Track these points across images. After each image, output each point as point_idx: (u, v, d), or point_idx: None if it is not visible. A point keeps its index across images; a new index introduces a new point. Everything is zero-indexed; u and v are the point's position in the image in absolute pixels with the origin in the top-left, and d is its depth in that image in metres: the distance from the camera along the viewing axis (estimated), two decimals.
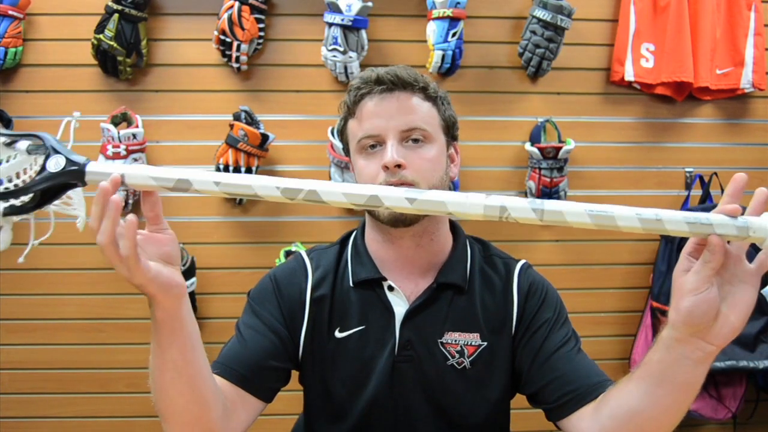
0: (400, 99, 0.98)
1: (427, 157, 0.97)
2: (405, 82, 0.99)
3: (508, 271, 1.07)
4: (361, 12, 1.79)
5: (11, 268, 1.90)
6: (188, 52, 1.91)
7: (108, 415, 1.93)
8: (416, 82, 0.99)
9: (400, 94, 0.99)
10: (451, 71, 1.88)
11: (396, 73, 0.98)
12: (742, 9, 1.96)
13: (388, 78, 0.98)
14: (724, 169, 1.99)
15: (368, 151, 0.99)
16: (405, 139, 0.97)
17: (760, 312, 1.84)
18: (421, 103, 1.00)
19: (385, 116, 0.97)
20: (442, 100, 1.04)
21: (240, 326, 1.03)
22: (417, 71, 1.02)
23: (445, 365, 0.99)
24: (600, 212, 0.72)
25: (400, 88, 0.99)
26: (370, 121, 0.98)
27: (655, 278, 1.92)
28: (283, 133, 1.86)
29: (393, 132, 0.97)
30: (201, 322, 1.92)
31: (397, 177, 0.95)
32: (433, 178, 0.97)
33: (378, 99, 0.98)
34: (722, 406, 1.89)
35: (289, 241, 1.91)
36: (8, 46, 1.80)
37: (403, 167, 0.95)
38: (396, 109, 0.98)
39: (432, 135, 0.99)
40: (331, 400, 1.02)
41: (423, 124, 0.98)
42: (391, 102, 0.98)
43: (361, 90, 1.00)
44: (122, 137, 1.76)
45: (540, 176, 1.90)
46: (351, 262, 1.05)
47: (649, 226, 0.75)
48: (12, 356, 1.92)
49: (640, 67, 1.95)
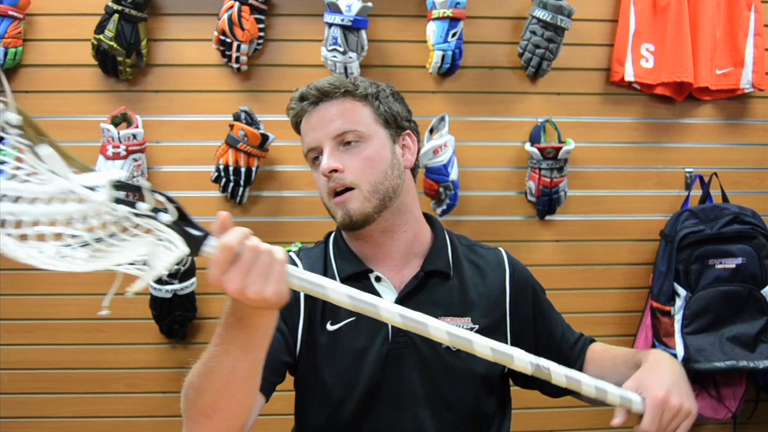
0: (327, 108, 1.05)
1: (362, 156, 1.03)
2: (327, 91, 1.05)
3: (498, 258, 1.14)
4: (361, 12, 1.79)
5: (11, 268, 1.90)
6: (188, 52, 1.91)
7: (108, 415, 1.93)
8: (338, 89, 1.05)
9: (326, 103, 1.05)
10: (451, 71, 1.88)
11: (316, 86, 1.05)
12: (742, 9, 1.96)
13: (312, 93, 1.05)
14: (724, 169, 1.99)
15: (314, 164, 1.07)
16: (340, 143, 1.03)
17: (760, 312, 1.84)
18: (350, 105, 1.05)
19: (317, 128, 1.04)
20: (375, 96, 1.08)
21: None
22: (343, 78, 1.09)
23: (440, 348, 1.03)
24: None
25: (325, 98, 1.05)
26: (308, 136, 1.06)
27: (655, 278, 1.92)
28: (283, 133, 1.85)
29: (326, 140, 1.03)
30: (201, 322, 1.92)
31: (335, 181, 1.02)
32: (372, 176, 1.02)
33: (309, 114, 1.06)
34: (722, 406, 1.89)
35: (289, 241, 1.91)
36: (8, 46, 1.80)
37: (340, 171, 1.01)
38: (324, 118, 1.04)
39: (366, 134, 1.04)
40: (327, 391, 1.04)
41: (352, 126, 1.04)
42: (318, 113, 1.05)
43: (294, 110, 1.08)
44: (122, 137, 1.76)
45: (540, 176, 1.90)
46: (335, 260, 1.09)
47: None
48: (12, 356, 1.92)
49: (640, 68, 1.95)
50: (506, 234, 1.97)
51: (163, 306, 1.80)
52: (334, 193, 1.03)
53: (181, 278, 1.78)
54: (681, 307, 1.85)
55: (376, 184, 1.02)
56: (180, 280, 1.78)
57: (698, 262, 1.84)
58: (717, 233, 1.84)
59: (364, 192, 1.02)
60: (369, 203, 1.02)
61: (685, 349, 1.82)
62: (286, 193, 1.94)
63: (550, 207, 1.94)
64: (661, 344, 1.88)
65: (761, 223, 1.86)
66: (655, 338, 1.90)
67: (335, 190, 1.02)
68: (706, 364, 1.79)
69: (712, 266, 1.83)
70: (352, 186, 1.01)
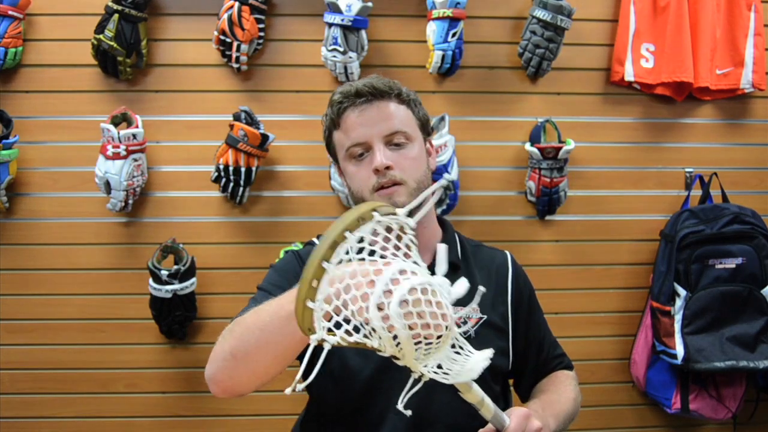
0: (380, 107, 1.10)
1: (410, 156, 1.10)
2: (381, 91, 1.10)
3: (503, 258, 1.24)
4: (361, 12, 1.79)
5: (11, 268, 1.90)
6: (188, 52, 1.91)
7: (108, 415, 1.93)
8: (391, 90, 1.11)
9: (379, 103, 1.10)
10: (451, 71, 1.88)
11: (372, 84, 1.10)
12: (742, 9, 1.96)
13: (366, 90, 1.09)
14: (724, 169, 1.99)
15: (357, 159, 1.10)
16: (389, 142, 1.09)
17: (760, 312, 1.84)
18: (398, 108, 1.11)
19: (368, 125, 1.08)
20: (414, 102, 1.15)
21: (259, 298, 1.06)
22: (389, 79, 1.13)
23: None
24: None
25: (378, 97, 1.10)
26: (356, 131, 1.09)
27: (655, 278, 1.92)
28: (283, 133, 1.86)
29: (378, 138, 1.08)
30: (201, 322, 1.92)
31: (387, 177, 1.07)
32: (418, 174, 1.10)
33: (359, 110, 1.09)
34: (722, 406, 1.89)
35: (289, 241, 1.90)
36: (8, 46, 1.80)
37: (392, 168, 1.07)
38: (377, 116, 1.09)
39: (412, 135, 1.11)
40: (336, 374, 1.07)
41: (403, 127, 1.10)
42: (371, 111, 1.09)
43: (343, 104, 1.11)
44: (122, 137, 1.76)
45: (540, 176, 1.90)
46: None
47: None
48: (12, 356, 1.92)
49: (640, 68, 1.95)
50: (506, 234, 1.98)
51: (163, 306, 1.80)
52: (379, 188, 1.08)
53: (181, 278, 1.78)
54: (681, 307, 1.85)
55: (420, 183, 1.09)
56: (180, 280, 1.78)
57: (698, 262, 1.84)
58: (717, 233, 1.84)
59: (410, 188, 1.08)
60: (413, 198, 1.06)
61: (685, 349, 1.82)
62: (286, 193, 1.94)
63: (550, 207, 1.95)
64: (661, 344, 1.88)
65: (761, 223, 1.86)
66: (655, 338, 1.90)
67: (384, 185, 1.07)
68: (706, 364, 1.79)
69: (712, 266, 1.83)
70: (400, 182, 1.07)
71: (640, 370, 1.96)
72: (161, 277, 1.76)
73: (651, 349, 1.93)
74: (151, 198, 1.91)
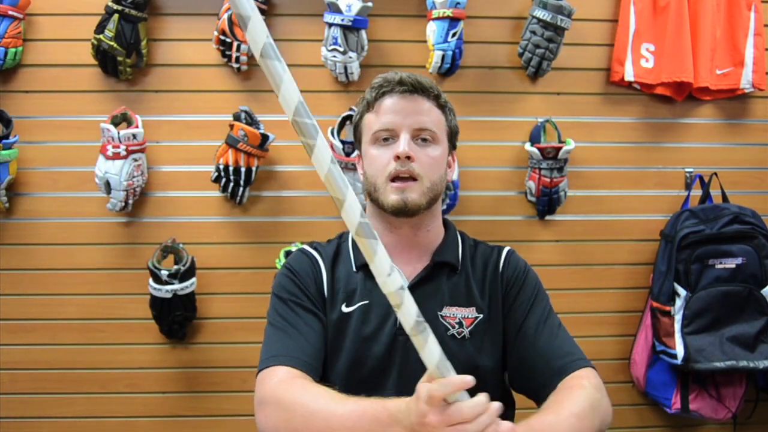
0: (417, 101, 1.12)
1: (432, 155, 1.11)
2: (424, 87, 1.12)
3: (498, 255, 1.20)
4: (361, 12, 1.79)
5: (11, 268, 1.90)
6: (188, 52, 1.91)
7: (108, 415, 1.93)
8: (432, 89, 1.14)
9: (418, 97, 1.12)
10: (451, 71, 1.88)
11: (417, 79, 1.12)
12: (742, 9, 1.96)
13: (410, 81, 1.11)
14: (724, 169, 1.99)
15: (381, 143, 1.11)
16: (416, 137, 1.10)
17: (760, 312, 1.84)
18: (433, 108, 1.13)
19: (401, 113, 1.10)
20: (450, 111, 1.18)
21: (282, 319, 1.09)
22: (432, 81, 1.15)
23: (445, 335, 1.09)
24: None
25: (419, 92, 1.12)
26: (387, 116, 1.11)
27: (655, 278, 1.92)
28: (283, 133, 1.86)
29: (407, 128, 1.09)
30: (201, 322, 1.92)
31: (406, 167, 1.07)
32: (434, 175, 1.11)
33: (397, 98, 1.11)
34: (722, 406, 1.89)
35: (289, 241, 1.91)
36: (8, 46, 1.80)
37: (412, 160, 1.07)
38: (412, 109, 1.11)
39: (439, 137, 1.13)
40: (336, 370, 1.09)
41: (433, 126, 1.12)
42: (408, 102, 1.11)
43: (384, 88, 1.12)
44: (122, 137, 1.76)
45: (540, 176, 1.90)
46: (352, 250, 1.17)
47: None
48: (12, 356, 1.92)
49: (640, 68, 1.95)
50: (506, 234, 1.97)
51: (163, 306, 1.80)
52: (395, 177, 1.08)
53: (181, 278, 1.78)
54: (681, 307, 1.85)
55: (435, 184, 1.11)
56: (180, 280, 1.78)
57: (698, 262, 1.84)
58: (717, 233, 1.84)
59: (424, 186, 1.09)
60: (425, 197, 1.10)
61: (685, 349, 1.82)
62: (286, 193, 1.94)
63: (550, 207, 1.95)
64: (661, 344, 1.88)
65: (761, 223, 1.86)
66: (655, 338, 1.90)
67: (400, 174, 1.08)
68: (706, 364, 1.79)
69: (712, 266, 1.83)
70: (416, 177, 1.08)
71: (640, 370, 1.96)
72: (161, 277, 1.76)
73: (651, 349, 1.93)
74: (151, 198, 1.91)
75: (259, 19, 0.67)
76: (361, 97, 1.17)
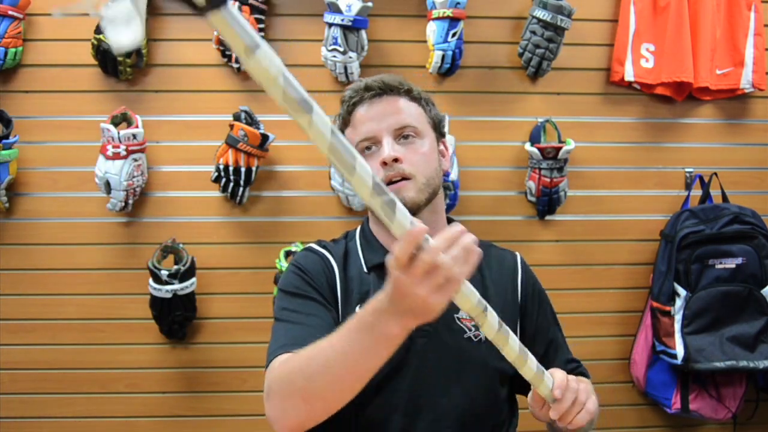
0: (389, 102, 1.09)
1: (420, 151, 1.08)
2: (392, 86, 1.10)
3: (514, 260, 1.20)
4: (361, 12, 1.79)
5: (11, 268, 1.90)
6: (188, 52, 1.91)
7: (108, 415, 1.93)
8: (401, 85, 1.11)
9: (389, 97, 1.09)
10: (451, 71, 1.87)
11: (382, 80, 1.10)
12: (742, 9, 1.96)
13: (376, 84, 1.09)
14: (724, 169, 1.99)
15: (365, 153, 1.07)
16: (398, 136, 1.07)
17: (760, 312, 1.84)
18: (408, 104, 1.10)
19: (376, 119, 1.07)
20: (426, 101, 1.14)
21: (289, 312, 1.04)
22: (400, 76, 1.12)
23: (462, 338, 1.07)
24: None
25: (388, 92, 1.09)
26: (364, 125, 1.08)
27: (655, 278, 1.92)
28: (283, 133, 1.86)
29: (386, 131, 1.06)
30: (201, 322, 1.92)
31: (395, 170, 1.04)
32: (427, 170, 1.07)
33: (368, 105, 1.09)
34: (722, 406, 1.89)
35: (289, 241, 1.91)
36: (8, 46, 1.80)
37: (400, 161, 1.04)
38: (385, 110, 1.08)
39: (422, 131, 1.10)
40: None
41: (412, 122, 1.09)
42: (381, 105, 1.09)
43: (353, 99, 1.10)
44: (122, 137, 1.76)
45: (540, 176, 1.90)
46: (362, 250, 1.14)
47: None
48: (12, 356, 1.91)
49: (640, 68, 1.95)
50: (506, 234, 1.97)
51: (163, 306, 1.80)
52: (387, 183, 1.05)
53: (181, 278, 1.78)
54: (681, 307, 1.85)
55: (430, 179, 1.07)
56: (180, 280, 1.78)
57: (698, 262, 1.84)
58: (717, 233, 1.84)
59: (419, 183, 1.06)
60: (422, 194, 1.06)
61: (685, 349, 1.82)
62: (285, 193, 1.94)
63: (550, 207, 1.95)
64: (661, 344, 1.88)
65: (761, 223, 1.86)
66: (655, 338, 1.90)
67: (392, 179, 1.04)
68: (706, 364, 1.79)
69: (712, 266, 1.83)
70: (409, 176, 1.05)
71: (640, 370, 1.96)
72: (161, 277, 1.76)
73: (651, 349, 1.93)
74: (151, 198, 1.91)
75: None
76: (337, 114, 1.14)
